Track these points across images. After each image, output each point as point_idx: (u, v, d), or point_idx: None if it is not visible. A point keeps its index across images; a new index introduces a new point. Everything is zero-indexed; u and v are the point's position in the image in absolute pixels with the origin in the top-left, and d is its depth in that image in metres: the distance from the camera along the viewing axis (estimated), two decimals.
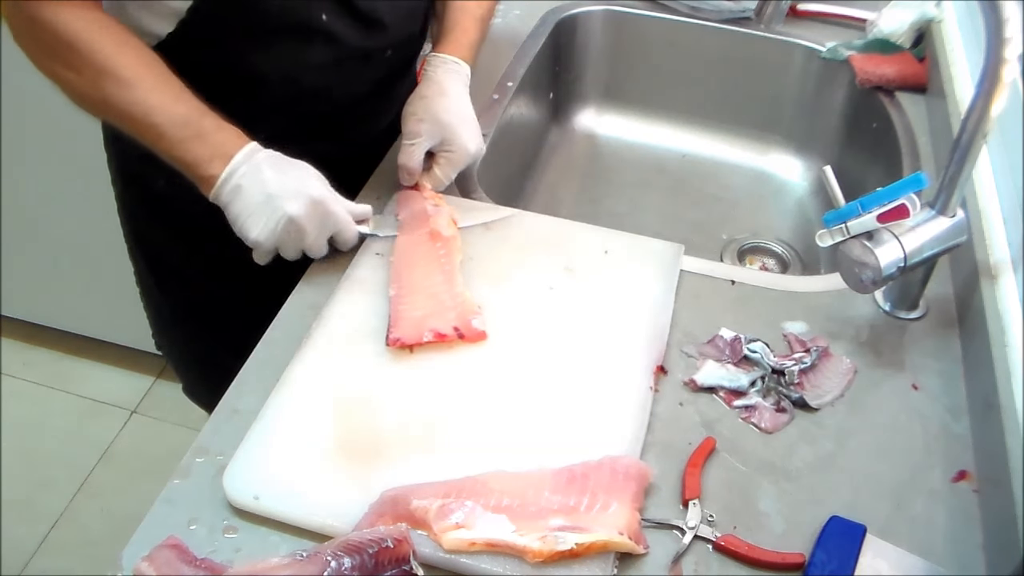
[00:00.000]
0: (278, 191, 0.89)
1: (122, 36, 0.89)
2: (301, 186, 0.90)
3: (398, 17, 1.05)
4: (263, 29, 0.96)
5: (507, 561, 0.71)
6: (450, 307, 0.90)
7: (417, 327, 0.88)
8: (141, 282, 1.25)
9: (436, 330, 0.87)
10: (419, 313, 0.89)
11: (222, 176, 0.89)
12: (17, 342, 2.21)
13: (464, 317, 0.89)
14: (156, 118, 0.87)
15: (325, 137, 1.09)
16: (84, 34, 0.86)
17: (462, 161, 1.05)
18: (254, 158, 0.90)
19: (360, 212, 0.97)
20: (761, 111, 1.44)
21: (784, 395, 0.86)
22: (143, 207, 1.15)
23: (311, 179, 0.92)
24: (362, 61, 1.05)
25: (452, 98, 1.04)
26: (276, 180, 0.89)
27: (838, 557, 0.72)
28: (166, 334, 1.30)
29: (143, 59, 0.89)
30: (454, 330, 0.88)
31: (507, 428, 0.81)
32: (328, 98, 1.06)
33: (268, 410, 0.81)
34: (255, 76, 0.99)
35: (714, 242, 1.32)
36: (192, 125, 0.88)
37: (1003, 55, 0.78)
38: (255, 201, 0.89)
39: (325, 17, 0.97)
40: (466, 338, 0.88)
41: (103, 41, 0.87)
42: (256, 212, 0.89)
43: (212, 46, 0.96)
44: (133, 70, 0.87)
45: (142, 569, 0.69)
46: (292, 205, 0.89)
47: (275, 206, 0.89)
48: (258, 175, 0.89)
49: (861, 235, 0.87)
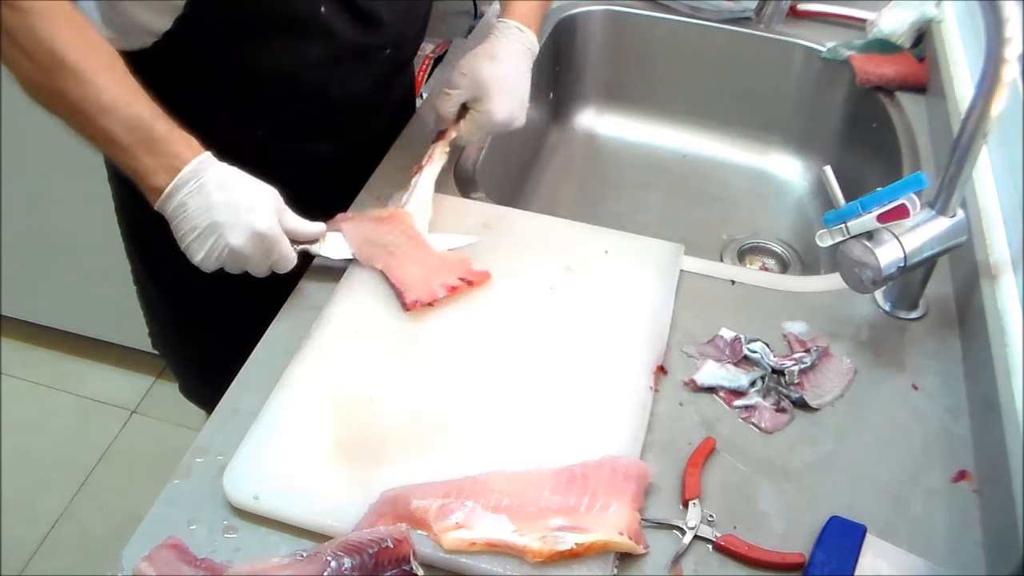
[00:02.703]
0: (223, 219, 0.85)
1: (83, 28, 0.85)
2: (247, 215, 0.85)
3: (397, 15, 1.05)
4: (261, 23, 0.95)
5: (507, 561, 0.71)
6: (440, 264, 0.94)
7: (426, 285, 0.91)
8: (138, 281, 1.25)
9: (446, 284, 0.92)
10: (418, 273, 0.93)
11: (167, 190, 0.85)
12: (17, 342, 2.21)
13: (461, 267, 0.94)
14: (106, 120, 0.83)
15: (322, 136, 1.09)
16: (44, 20, 0.82)
17: (488, 124, 1.05)
18: (203, 175, 0.85)
19: (312, 233, 0.93)
20: (761, 111, 1.44)
21: (784, 395, 0.86)
22: (139, 206, 1.14)
23: (262, 203, 0.87)
24: (360, 59, 1.05)
25: (500, 61, 1.04)
26: (223, 204, 0.85)
27: (838, 557, 0.72)
28: (163, 334, 1.30)
29: (102, 55, 0.85)
30: (460, 280, 0.92)
31: (507, 428, 0.81)
32: (325, 96, 1.05)
33: (268, 410, 0.81)
34: (252, 73, 0.99)
35: (714, 242, 1.32)
36: (142, 130, 0.84)
37: (1003, 55, 0.78)
38: (199, 225, 0.86)
39: (324, 10, 0.97)
40: (475, 283, 0.93)
41: (62, 30, 0.83)
42: (200, 237, 0.86)
43: (210, 42, 0.95)
44: (89, 64, 0.83)
45: (142, 569, 0.69)
46: (235, 237, 0.85)
47: (219, 235, 0.85)
48: (205, 196, 0.85)
49: (861, 235, 0.87)
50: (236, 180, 0.87)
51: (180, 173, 0.85)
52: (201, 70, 0.91)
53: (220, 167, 0.87)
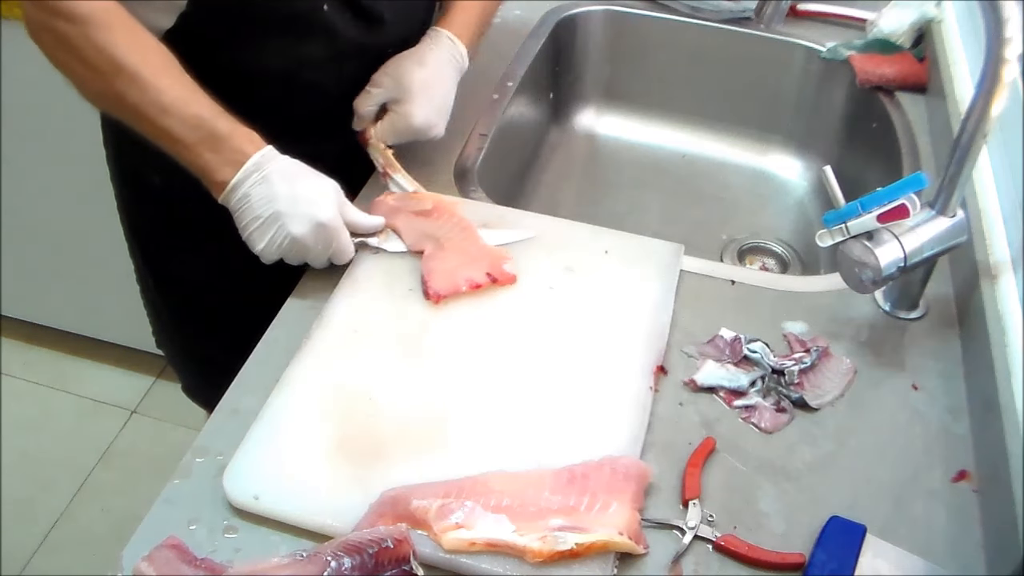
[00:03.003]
0: (286, 208, 0.88)
1: (138, 33, 0.88)
2: (309, 206, 0.88)
3: (398, 14, 1.05)
4: (263, 22, 0.95)
5: (507, 561, 0.71)
6: (479, 257, 0.95)
7: (451, 278, 0.92)
8: (141, 280, 1.25)
9: (471, 279, 0.92)
10: (450, 265, 0.93)
11: (231, 183, 0.88)
12: (17, 342, 2.21)
13: (496, 264, 0.94)
14: (168, 120, 0.86)
15: (323, 134, 1.09)
16: (100, 29, 0.85)
17: (404, 127, 1.03)
18: (266, 167, 0.88)
19: (371, 226, 0.96)
20: (761, 111, 1.44)
21: (784, 395, 0.86)
22: (142, 205, 1.15)
23: (323, 196, 0.90)
24: (361, 58, 1.05)
25: (425, 66, 1.03)
26: (285, 195, 0.88)
27: (838, 557, 0.72)
28: (166, 333, 1.30)
29: (158, 57, 0.88)
30: (487, 276, 0.92)
31: (507, 428, 0.81)
32: (326, 95, 1.05)
33: (268, 410, 0.81)
34: (254, 72, 0.99)
35: (714, 242, 1.32)
36: (204, 128, 0.87)
37: (1003, 55, 0.78)
38: (262, 215, 0.88)
39: (326, 8, 0.97)
40: (499, 282, 0.93)
41: (119, 37, 0.86)
42: (262, 226, 0.89)
43: (212, 41, 0.96)
44: (147, 68, 0.86)
45: (142, 569, 0.69)
46: (297, 226, 0.88)
47: (281, 224, 0.88)
48: (268, 187, 0.88)
49: (861, 235, 0.87)
50: (299, 172, 0.90)
51: (244, 166, 0.88)
52: (202, 69, 0.91)
53: (283, 160, 0.90)
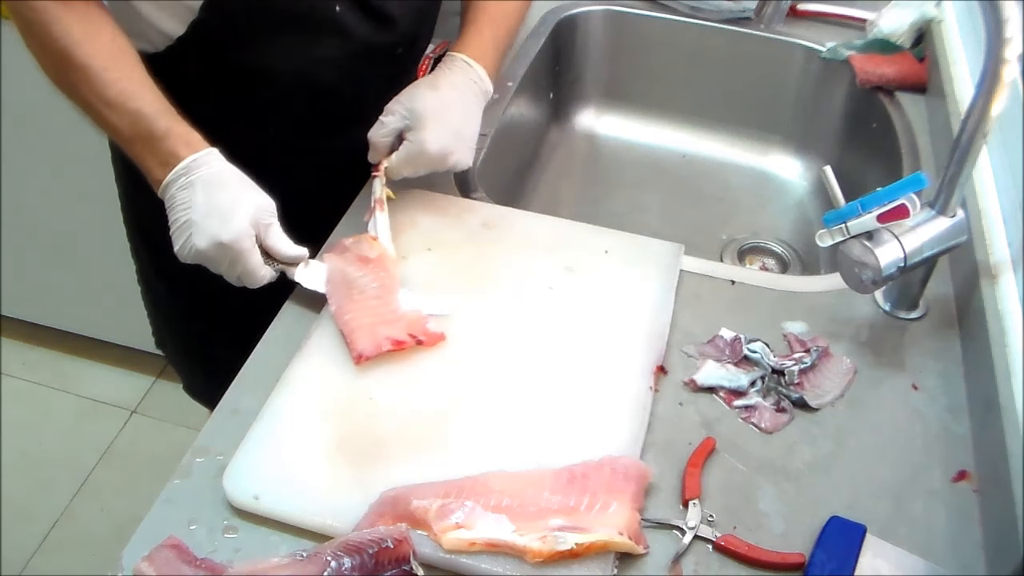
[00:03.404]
0: (197, 219, 0.86)
1: (96, 24, 0.88)
2: (218, 222, 0.85)
3: (408, 14, 1.05)
4: (275, 22, 0.95)
5: (507, 561, 0.71)
6: (393, 319, 0.88)
7: (373, 337, 0.86)
8: (143, 279, 1.25)
9: (392, 337, 0.86)
10: (366, 322, 0.87)
11: (163, 184, 0.88)
12: (17, 342, 2.21)
13: (415, 325, 0.87)
14: (111, 114, 0.87)
15: (332, 134, 1.09)
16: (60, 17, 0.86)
17: (418, 156, 0.98)
18: (194, 172, 0.87)
19: (290, 256, 0.90)
20: (761, 111, 1.44)
21: (784, 395, 0.86)
22: (148, 204, 1.14)
23: (235, 214, 0.86)
24: (372, 58, 1.05)
25: (439, 91, 1.00)
26: (200, 205, 0.86)
27: (838, 557, 0.72)
28: (167, 332, 1.30)
29: (110, 50, 0.88)
30: (411, 336, 0.86)
31: (507, 428, 0.81)
32: (337, 95, 1.05)
33: (268, 410, 0.81)
34: (265, 72, 0.99)
35: (714, 242, 1.32)
36: (143, 124, 0.87)
37: (1003, 55, 0.78)
38: (178, 219, 0.87)
39: (338, 9, 0.97)
40: (426, 343, 0.86)
41: (75, 26, 0.86)
42: (177, 232, 0.88)
43: (223, 41, 0.96)
44: (97, 60, 0.87)
45: (142, 569, 0.69)
46: (201, 239, 0.86)
47: (190, 234, 0.86)
48: (189, 193, 0.87)
49: (861, 235, 0.87)
50: (224, 183, 0.87)
51: (174, 168, 0.87)
52: (213, 68, 0.92)
53: (215, 167, 0.88)
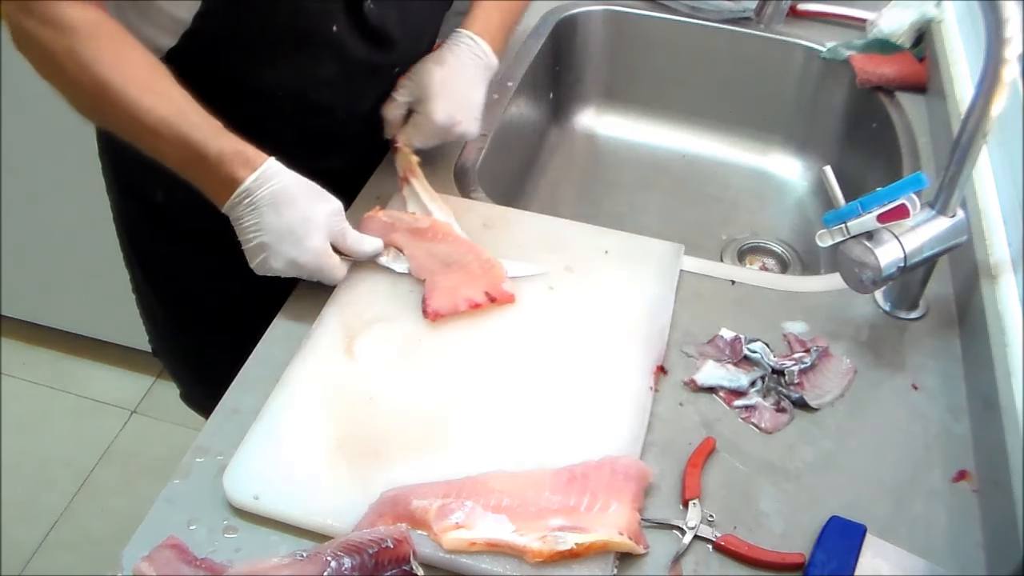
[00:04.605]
0: (270, 241, 0.87)
1: (125, 46, 0.85)
2: (292, 243, 0.87)
3: (407, 34, 1.04)
4: (272, 42, 0.95)
5: (507, 561, 0.71)
6: (479, 275, 0.93)
7: (451, 297, 0.91)
8: (138, 289, 1.24)
9: (470, 299, 0.91)
10: (451, 283, 0.92)
11: (225, 207, 0.87)
12: (17, 342, 2.21)
13: (493, 282, 0.93)
14: (157, 142, 0.85)
15: (329, 153, 1.08)
16: (86, 41, 0.83)
17: (427, 126, 1.03)
18: (256, 193, 0.86)
19: (370, 252, 0.94)
20: (761, 111, 1.44)
21: (784, 395, 0.86)
22: (141, 216, 1.14)
23: (308, 232, 0.87)
24: (369, 77, 1.04)
25: (445, 67, 1.04)
26: (271, 227, 0.86)
27: (838, 557, 0.72)
28: (163, 341, 1.29)
29: (145, 73, 0.85)
30: (485, 295, 0.91)
31: (507, 428, 0.81)
32: (334, 114, 1.05)
33: (268, 410, 0.81)
34: (261, 91, 0.98)
35: (714, 242, 1.32)
36: (193, 151, 0.85)
37: (1003, 55, 0.78)
38: (250, 241, 0.88)
39: (336, 28, 0.96)
40: (498, 301, 0.91)
41: (104, 51, 0.83)
42: (251, 251, 0.88)
43: (217, 59, 0.95)
44: (132, 86, 0.83)
45: (142, 569, 0.69)
46: (278, 262, 0.87)
47: (265, 255, 0.87)
48: (257, 216, 0.86)
49: (861, 235, 0.87)
50: (292, 198, 0.87)
51: (234, 192, 0.86)
52: (209, 86, 0.90)
53: (277, 182, 0.87)
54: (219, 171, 0.86)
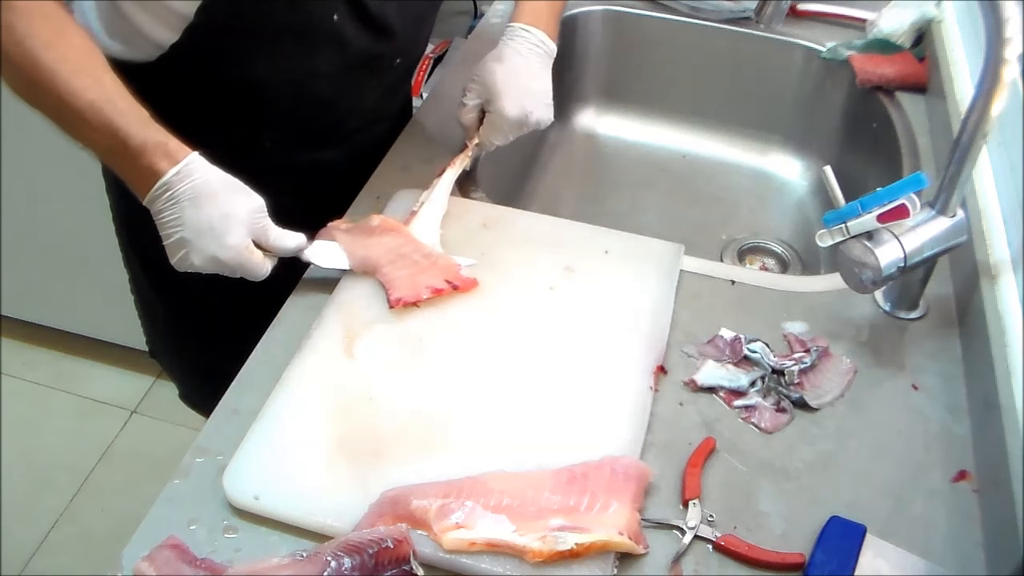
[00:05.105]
0: (190, 236, 0.84)
1: (63, 26, 0.83)
2: (212, 239, 0.84)
3: (407, 24, 1.05)
4: (272, 33, 0.95)
5: (507, 561, 0.71)
6: (426, 265, 0.94)
7: (412, 285, 0.92)
8: (137, 289, 1.24)
9: (431, 286, 0.92)
10: (406, 272, 0.93)
11: (146, 200, 0.85)
12: (17, 342, 2.21)
13: (450, 271, 0.93)
14: (82, 126, 0.82)
15: (329, 144, 1.08)
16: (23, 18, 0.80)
17: (502, 123, 1.05)
18: (177, 187, 0.83)
19: (292, 248, 0.91)
20: (761, 111, 1.44)
21: (784, 395, 0.86)
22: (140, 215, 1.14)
23: (228, 227, 0.85)
24: (370, 68, 1.05)
25: (505, 60, 1.05)
26: (191, 222, 0.84)
27: (838, 557, 0.72)
28: (161, 341, 1.29)
29: (79, 55, 0.83)
30: (447, 283, 0.92)
31: (507, 428, 0.81)
32: (334, 106, 1.05)
33: (268, 410, 0.81)
34: (262, 83, 0.98)
35: (714, 242, 1.32)
36: (117, 138, 0.82)
37: (1003, 55, 0.78)
38: (170, 236, 0.86)
39: (336, 18, 0.96)
40: (460, 288, 0.92)
41: (41, 29, 0.81)
42: (171, 247, 0.87)
43: (219, 52, 0.95)
44: (65, 66, 0.81)
45: (142, 569, 0.69)
46: (198, 257, 0.85)
47: (185, 251, 0.86)
48: (176, 210, 0.84)
49: (861, 235, 0.87)
50: (212, 194, 0.85)
51: (155, 185, 0.84)
52: (210, 79, 0.90)
53: (198, 177, 0.84)
54: (140, 162, 0.83)
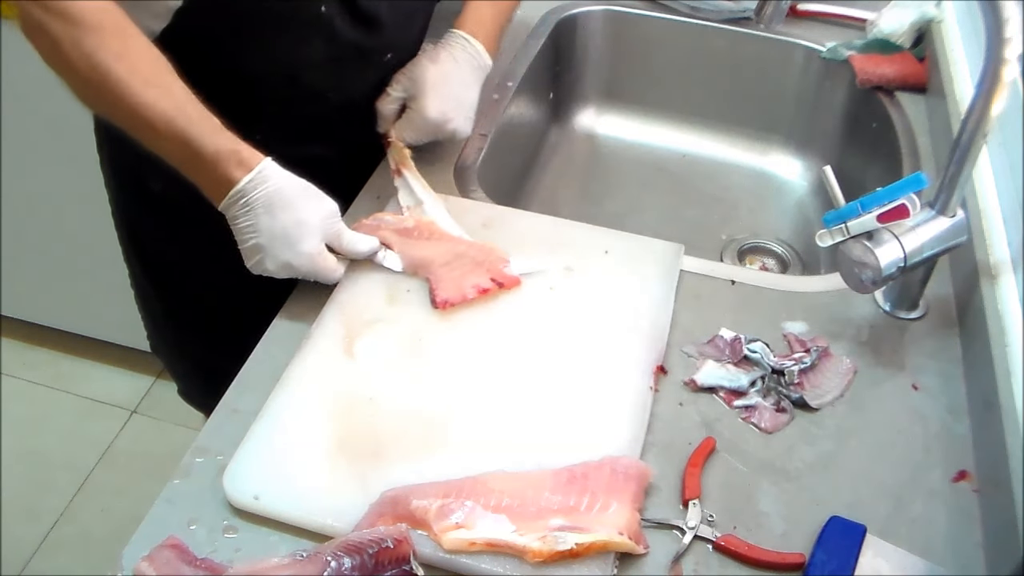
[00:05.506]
0: (265, 243, 0.87)
1: (131, 38, 0.85)
2: (286, 246, 0.87)
3: (397, 18, 1.05)
4: (260, 21, 0.95)
5: (507, 561, 0.71)
6: (481, 260, 0.95)
7: (458, 286, 0.92)
8: (137, 285, 1.24)
9: (477, 285, 0.92)
10: (455, 274, 0.94)
11: (220, 207, 0.87)
12: (17, 342, 2.21)
13: (495, 267, 0.94)
14: (155, 136, 0.84)
15: (321, 140, 1.08)
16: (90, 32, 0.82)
17: (419, 122, 1.05)
18: (251, 194, 0.86)
19: (364, 252, 0.94)
20: (761, 111, 1.44)
21: (784, 395, 0.86)
22: (140, 210, 1.15)
23: (302, 235, 0.87)
24: (360, 62, 1.05)
25: (440, 65, 1.06)
26: (266, 229, 0.87)
27: (838, 557, 0.72)
28: (162, 338, 1.29)
29: (148, 66, 0.85)
30: (491, 280, 0.93)
31: (507, 428, 0.81)
32: (325, 99, 1.05)
33: (268, 410, 0.81)
34: (252, 74, 0.99)
35: (714, 242, 1.32)
36: (190, 148, 0.84)
37: (1003, 55, 0.78)
38: (246, 242, 0.88)
39: (324, 9, 0.96)
40: (506, 286, 0.93)
41: (109, 42, 0.83)
42: (247, 252, 0.89)
43: (208, 43, 0.95)
44: (135, 78, 0.83)
45: (142, 569, 0.69)
46: (272, 263, 0.87)
47: (260, 256, 0.88)
48: (252, 217, 0.87)
49: (861, 235, 0.87)
50: (287, 201, 0.87)
51: (229, 193, 0.86)
52: (199, 70, 0.90)
53: (273, 183, 0.87)
54: (215, 170, 0.85)
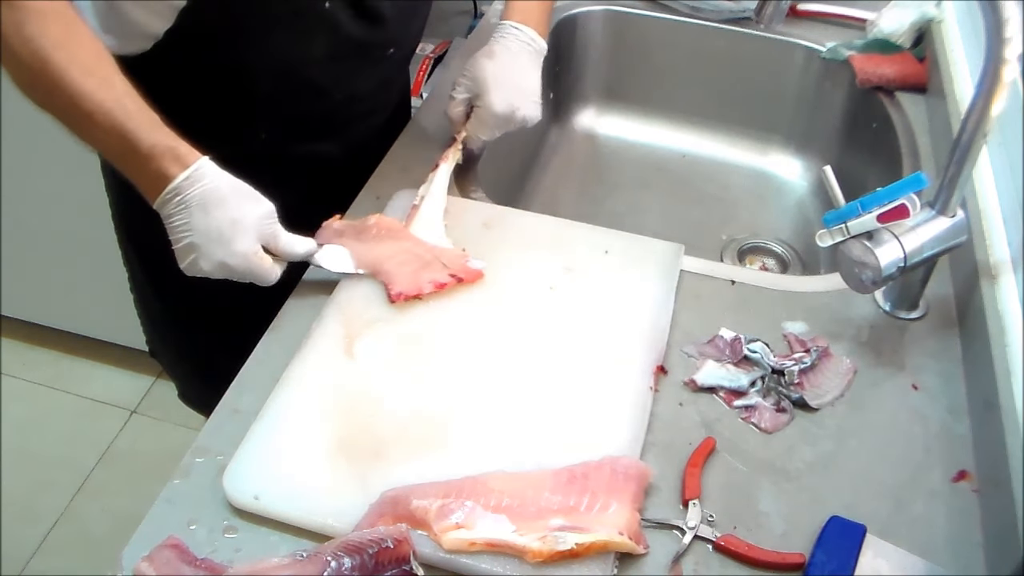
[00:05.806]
0: (199, 242, 0.84)
1: (73, 27, 0.83)
2: (220, 245, 0.85)
3: (400, 14, 1.05)
4: (263, 17, 0.95)
5: (507, 561, 0.71)
6: (430, 259, 0.94)
7: (414, 280, 0.91)
8: (136, 287, 1.24)
9: (434, 280, 0.91)
10: (409, 268, 0.93)
11: (155, 204, 0.85)
12: (17, 342, 2.21)
13: (455, 262, 0.93)
14: (91, 128, 0.82)
15: (324, 136, 1.09)
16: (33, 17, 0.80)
17: (489, 118, 1.06)
18: (186, 192, 0.83)
19: (302, 253, 0.92)
20: (761, 111, 1.44)
21: (784, 395, 0.86)
22: (139, 211, 1.14)
23: (237, 233, 0.85)
24: (362, 57, 1.05)
25: (496, 57, 1.06)
26: (200, 228, 0.84)
27: (838, 557, 0.72)
28: (161, 339, 1.29)
29: (89, 56, 0.82)
30: (451, 276, 0.92)
31: (507, 428, 0.81)
32: (328, 95, 1.05)
33: (268, 410, 0.81)
34: (255, 70, 0.99)
35: (714, 242, 1.32)
36: (126, 142, 0.82)
37: (1003, 55, 0.78)
38: (179, 241, 0.86)
39: (327, 5, 0.96)
40: (466, 280, 0.92)
41: (50, 29, 0.80)
42: (180, 252, 0.87)
43: (211, 41, 0.95)
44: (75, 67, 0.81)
45: (142, 569, 0.69)
46: (206, 263, 0.85)
47: (194, 256, 0.86)
48: (186, 216, 0.84)
49: (861, 235, 0.87)
50: (222, 200, 0.85)
51: (164, 190, 0.84)
52: (203, 67, 0.90)
53: (208, 182, 0.84)
54: (150, 166, 0.83)
